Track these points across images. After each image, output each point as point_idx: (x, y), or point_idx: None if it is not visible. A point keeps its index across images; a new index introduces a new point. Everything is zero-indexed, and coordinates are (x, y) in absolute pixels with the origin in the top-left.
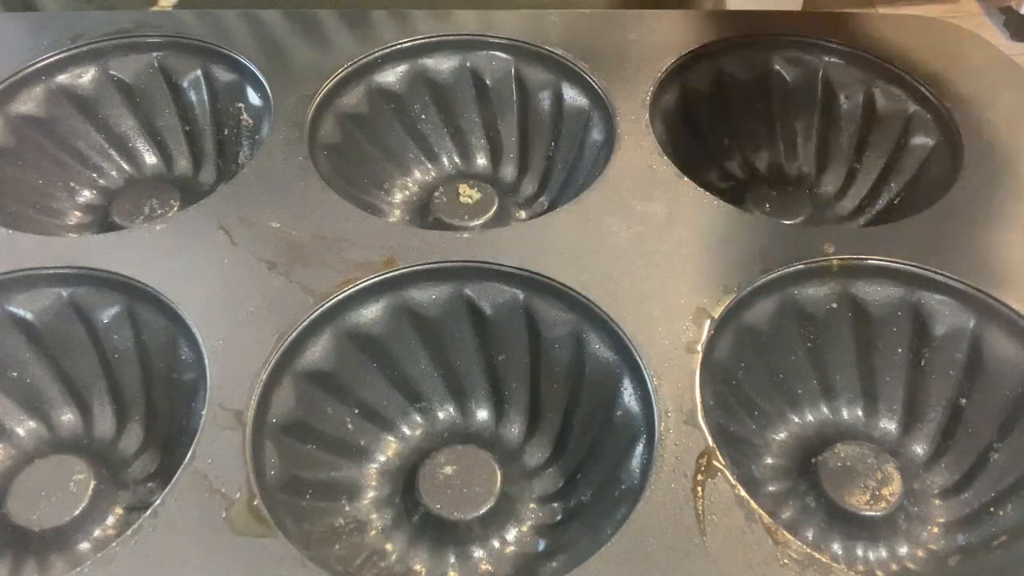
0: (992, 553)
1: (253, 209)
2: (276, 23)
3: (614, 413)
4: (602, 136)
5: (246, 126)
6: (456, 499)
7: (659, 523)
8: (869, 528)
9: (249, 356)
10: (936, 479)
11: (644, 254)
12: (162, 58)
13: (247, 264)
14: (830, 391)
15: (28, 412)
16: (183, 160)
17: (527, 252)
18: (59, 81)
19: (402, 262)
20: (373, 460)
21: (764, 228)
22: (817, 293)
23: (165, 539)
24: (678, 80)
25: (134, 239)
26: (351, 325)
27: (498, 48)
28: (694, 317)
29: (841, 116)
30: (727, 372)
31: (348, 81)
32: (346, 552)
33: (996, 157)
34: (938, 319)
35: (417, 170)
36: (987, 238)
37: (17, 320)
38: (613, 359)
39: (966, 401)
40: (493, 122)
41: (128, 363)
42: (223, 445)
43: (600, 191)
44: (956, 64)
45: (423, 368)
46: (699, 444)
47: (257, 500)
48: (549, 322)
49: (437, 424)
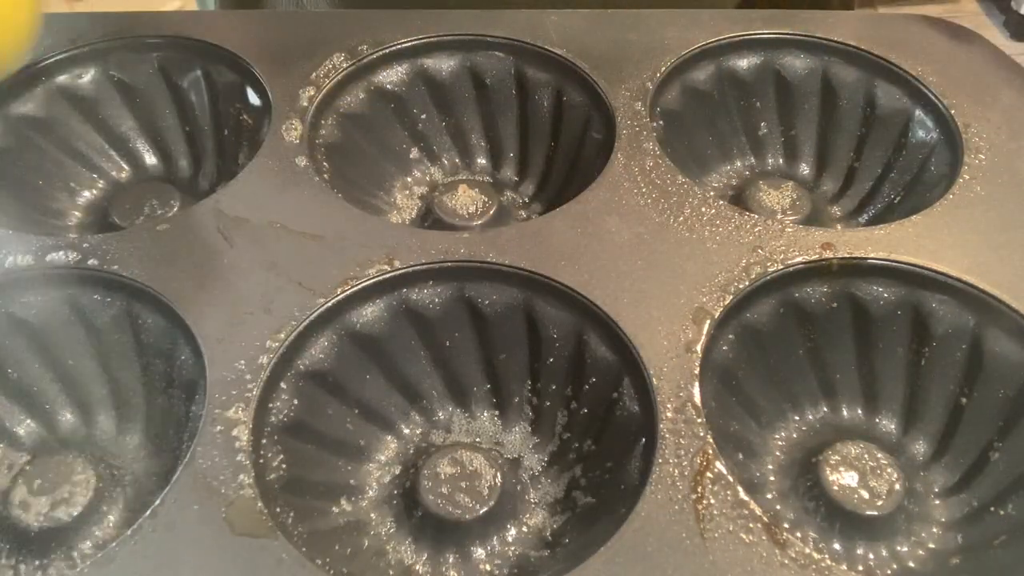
0: (993, 552)
1: (253, 209)
2: (276, 23)
3: (614, 413)
4: (602, 136)
5: (246, 126)
6: (456, 499)
7: (659, 523)
8: (869, 528)
9: (249, 356)
10: (936, 478)
11: (644, 254)
12: (162, 58)
13: (247, 264)
14: (830, 391)
15: (28, 412)
16: (183, 160)
17: (527, 252)
18: (59, 81)
19: (402, 262)
20: (373, 460)
21: (764, 228)
22: (817, 293)
23: (165, 539)
24: (678, 79)
25: (134, 239)
26: (351, 325)
27: (498, 48)
28: (694, 317)
29: (841, 116)
30: (727, 372)
31: (348, 81)
32: (346, 552)
33: (996, 157)
34: (938, 319)
35: (417, 170)
36: (987, 238)
37: (17, 320)
38: (613, 359)
39: (966, 400)
40: (493, 122)
41: (128, 363)
42: (223, 445)
43: (600, 191)
44: (956, 64)
45: (423, 368)
46: (699, 444)
47: (257, 500)
48: (549, 322)
49: (437, 424)
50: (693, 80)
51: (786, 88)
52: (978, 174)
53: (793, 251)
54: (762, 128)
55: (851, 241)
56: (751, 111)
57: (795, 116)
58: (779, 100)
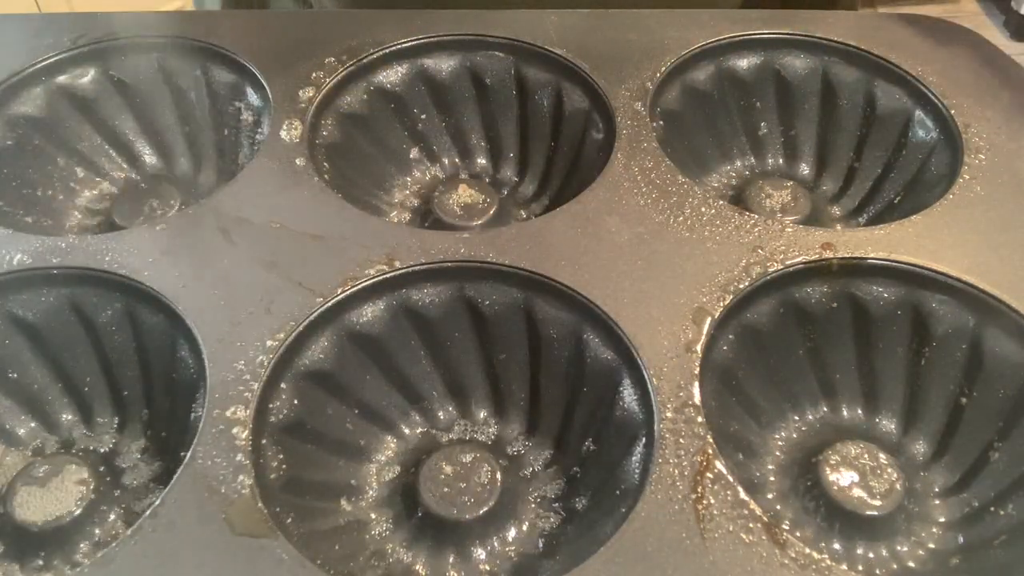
0: (993, 552)
1: (253, 209)
2: (276, 23)
3: (614, 413)
4: (602, 136)
5: (246, 126)
6: (456, 499)
7: (659, 523)
8: (869, 528)
9: (249, 356)
10: (936, 478)
11: (644, 254)
12: (162, 58)
13: (247, 264)
14: (830, 391)
15: (28, 412)
16: (183, 160)
17: (527, 252)
18: (59, 81)
19: (402, 262)
20: (373, 460)
21: (764, 228)
22: (817, 293)
23: (165, 539)
24: (678, 79)
25: (134, 239)
26: (351, 325)
27: (498, 48)
28: (694, 317)
29: (841, 115)
30: (727, 372)
31: (348, 81)
32: (346, 552)
33: (996, 157)
34: (938, 319)
35: (417, 170)
36: (987, 238)
37: (17, 320)
38: (613, 359)
39: (966, 400)
40: (493, 122)
41: (128, 363)
42: (223, 445)
43: (600, 191)
44: (956, 64)
45: (423, 368)
46: (699, 444)
47: (257, 500)
48: (549, 322)
49: (437, 424)
50: (693, 80)
51: (786, 88)
52: (978, 174)
53: (793, 251)
54: (762, 128)
55: (851, 241)
56: (751, 111)
57: (795, 116)
58: (779, 100)
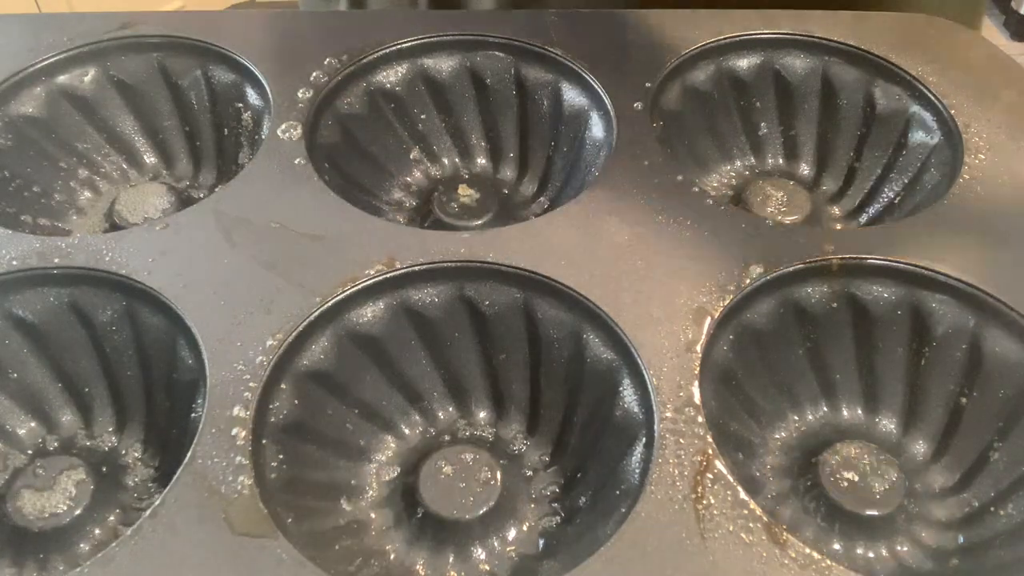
0: (993, 552)
1: (253, 209)
2: (276, 23)
3: (614, 413)
4: (602, 136)
5: (246, 126)
6: (456, 499)
7: (659, 523)
8: (869, 528)
9: (249, 356)
10: (936, 478)
11: (644, 254)
12: (162, 58)
13: (247, 264)
14: (830, 391)
15: (28, 412)
16: (183, 160)
17: (527, 252)
18: (59, 81)
19: (402, 262)
20: (373, 460)
21: (764, 228)
22: (817, 293)
23: (165, 539)
24: (678, 79)
25: (134, 239)
26: (351, 325)
27: (498, 48)
28: (694, 317)
29: (841, 116)
30: (727, 372)
31: (348, 81)
32: (346, 552)
33: (996, 157)
34: (938, 319)
35: (417, 170)
36: (987, 238)
37: (17, 320)
38: (613, 359)
39: (966, 400)
40: (493, 122)
41: (128, 363)
42: (223, 445)
43: (600, 191)
44: (956, 64)
45: (423, 368)
46: (699, 444)
47: (257, 500)
48: (549, 322)
49: (437, 424)
50: (693, 80)
51: (786, 88)
52: (978, 174)
53: (793, 251)
54: (762, 128)
55: (851, 241)
56: (751, 111)
57: (795, 116)
58: (779, 100)
